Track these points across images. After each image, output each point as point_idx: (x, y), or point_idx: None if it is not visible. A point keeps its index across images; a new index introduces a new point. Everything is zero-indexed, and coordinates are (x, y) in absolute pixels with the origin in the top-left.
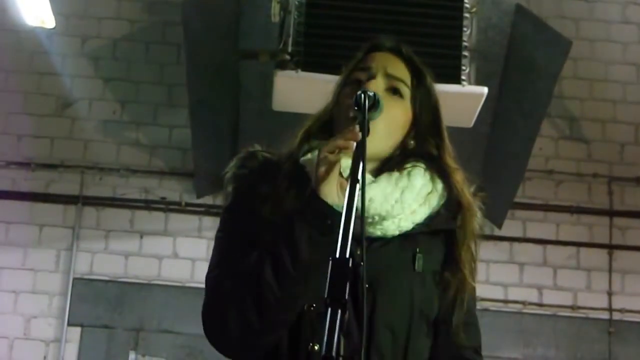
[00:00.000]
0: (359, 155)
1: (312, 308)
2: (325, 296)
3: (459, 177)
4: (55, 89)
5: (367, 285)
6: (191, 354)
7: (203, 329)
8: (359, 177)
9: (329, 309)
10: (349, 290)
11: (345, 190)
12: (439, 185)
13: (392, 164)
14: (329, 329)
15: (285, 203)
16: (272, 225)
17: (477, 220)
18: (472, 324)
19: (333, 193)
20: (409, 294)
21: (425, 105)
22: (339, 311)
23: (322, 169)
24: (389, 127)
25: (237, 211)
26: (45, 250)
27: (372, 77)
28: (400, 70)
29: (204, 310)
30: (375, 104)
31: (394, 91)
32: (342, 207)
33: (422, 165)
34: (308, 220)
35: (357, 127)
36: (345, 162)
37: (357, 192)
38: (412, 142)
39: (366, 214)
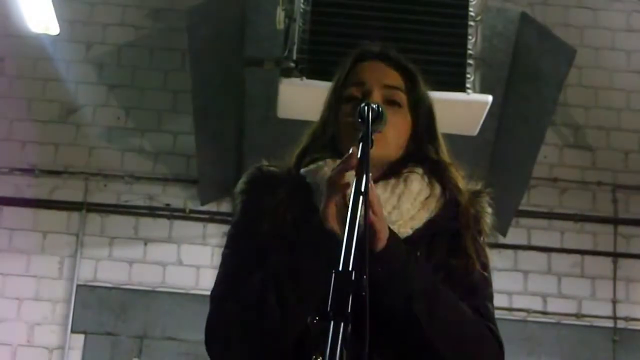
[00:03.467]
0: (363, 168)
1: (314, 321)
2: (328, 309)
3: (455, 172)
4: (60, 95)
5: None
6: None
7: (205, 348)
8: (362, 189)
9: (332, 322)
10: (354, 302)
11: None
12: (437, 189)
13: (391, 170)
14: (331, 341)
15: (285, 216)
16: (275, 245)
17: (488, 214)
18: (488, 313)
19: (339, 224)
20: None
21: (421, 108)
22: (342, 324)
23: (329, 201)
24: (395, 138)
25: (242, 229)
26: (49, 257)
27: (367, 92)
28: (394, 79)
29: (207, 330)
30: (379, 115)
31: (392, 102)
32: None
33: (420, 170)
34: (313, 250)
35: (354, 149)
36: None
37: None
38: (412, 146)
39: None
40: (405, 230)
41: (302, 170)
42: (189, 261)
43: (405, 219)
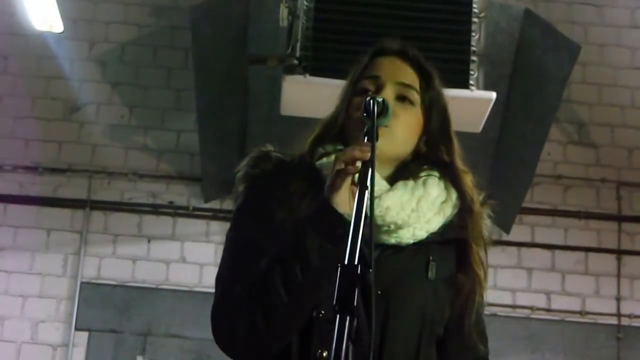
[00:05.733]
0: (368, 161)
1: (320, 315)
2: (334, 303)
3: (469, 181)
4: (63, 93)
5: (379, 292)
6: (199, 358)
7: (211, 331)
8: (369, 183)
9: (338, 316)
10: (360, 296)
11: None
12: (453, 195)
13: (406, 171)
14: (337, 335)
15: (300, 208)
16: (283, 231)
17: (487, 227)
18: (482, 329)
19: (346, 202)
20: (421, 302)
21: (435, 109)
22: (348, 318)
23: (337, 179)
24: (403, 133)
25: (249, 213)
26: (53, 254)
27: (380, 86)
28: (409, 76)
29: (213, 314)
30: (384, 110)
31: (404, 99)
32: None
33: (437, 173)
34: (319, 229)
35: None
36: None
37: (367, 198)
38: (423, 147)
39: (382, 222)
40: (421, 233)
41: (318, 163)
42: (192, 259)
43: (422, 222)
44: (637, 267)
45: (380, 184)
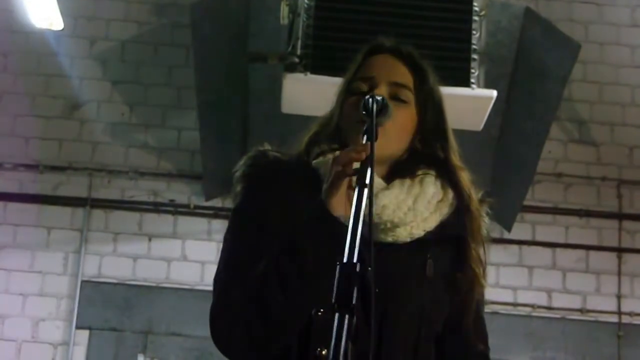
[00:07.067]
0: (367, 160)
1: (319, 313)
2: (333, 301)
3: (466, 178)
4: (64, 91)
5: (376, 291)
6: (200, 356)
7: (210, 334)
8: (367, 181)
9: (337, 314)
10: (359, 295)
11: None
12: (450, 194)
13: (402, 169)
14: (336, 334)
15: (297, 207)
16: (281, 231)
17: (485, 224)
18: (481, 327)
19: (342, 206)
20: (419, 300)
21: (429, 106)
22: (347, 316)
23: (334, 182)
24: (396, 133)
25: (246, 213)
26: (54, 252)
27: (374, 87)
28: (402, 75)
29: (211, 316)
30: (383, 108)
31: (397, 98)
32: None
33: (433, 172)
34: (316, 233)
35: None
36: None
37: (366, 197)
38: (418, 145)
39: (379, 221)
40: (417, 231)
41: (314, 162)
42: (193, 257)
43: (419, 221)
44: (638, 265)
45: (377, 182)
